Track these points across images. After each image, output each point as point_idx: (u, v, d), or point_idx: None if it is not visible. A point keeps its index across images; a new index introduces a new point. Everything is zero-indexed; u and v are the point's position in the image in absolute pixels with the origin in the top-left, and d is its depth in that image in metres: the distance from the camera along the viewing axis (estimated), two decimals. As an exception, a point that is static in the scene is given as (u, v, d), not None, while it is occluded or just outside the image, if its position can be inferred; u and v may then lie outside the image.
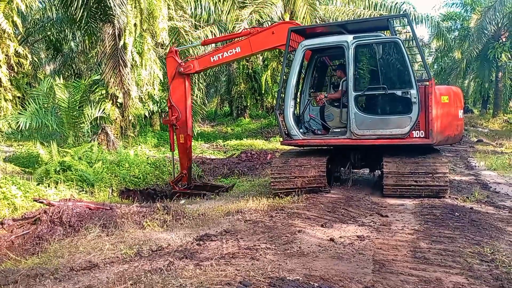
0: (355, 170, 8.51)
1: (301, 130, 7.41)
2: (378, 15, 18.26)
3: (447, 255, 4.02)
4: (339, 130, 7.32)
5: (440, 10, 33.89)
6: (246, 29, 9.22)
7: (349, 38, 6.97)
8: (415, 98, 6.50)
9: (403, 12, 19.26)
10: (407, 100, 6.58)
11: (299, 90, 7.78)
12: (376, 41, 6.92)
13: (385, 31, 7.83)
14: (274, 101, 19.39)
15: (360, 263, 3.84)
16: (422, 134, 6.59)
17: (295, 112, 7.57)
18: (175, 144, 9.13)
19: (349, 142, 6.94)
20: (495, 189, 7.81)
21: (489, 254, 4.09)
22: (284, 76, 7.44)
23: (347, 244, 4.39)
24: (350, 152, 7.57)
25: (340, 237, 4.66)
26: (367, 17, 17.64)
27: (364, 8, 19.73)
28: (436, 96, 6.66)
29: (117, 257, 4.77)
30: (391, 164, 6.63)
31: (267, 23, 11.15)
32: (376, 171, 7.90)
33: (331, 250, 4.21)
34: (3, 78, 6.60)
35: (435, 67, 38.04)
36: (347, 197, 6.66)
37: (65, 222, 6.03)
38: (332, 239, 4.55)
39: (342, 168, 7.84)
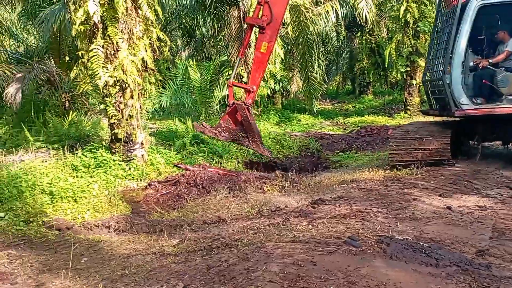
0: (487, 144, 7.82)
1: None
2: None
3: None
4: None
5: None
6: None
7: None
8: None
9: None
10: None
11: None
12: None
13: None
14: (399, 76, 18.42)
15: (477, 230, 3.73)
16: None
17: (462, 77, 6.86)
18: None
19: None
20: None
21: None
22: (455, 37, 6.75)
23: (465, 213, 4.25)
24: (479, 122, 6.98)
25: (459, 206, 4.51)
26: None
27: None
28: None
29: (241, 214, 5.39)
30: (529, 135, 5.99)
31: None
32: (511, 144, 7.18)
33: (446, 217, 4.14)
34: (148, 60, 7.67)
35: None
36: (473, 171, 6.26)
37: (199, 184, 6.93)
38: (449, 208, 4.44)
39: (470, 141, 7.30)
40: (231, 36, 14.51)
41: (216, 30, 19.08)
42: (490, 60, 6.96)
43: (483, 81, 6.95)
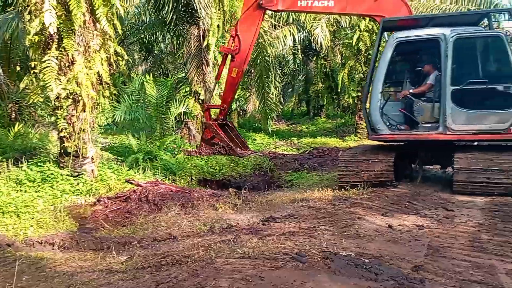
0: (427, 167, 8.36)
1: (387, 125, 7.36)
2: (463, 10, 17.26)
3: (507, 246, 3.99)
4: (429, 125, 7.25)
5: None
6: None
7: (446, 31, 6.90)
8: None
9: (502, 7, 17.87)
10: (508, 95, 6.52)
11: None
12: (479, 35, 6.92)
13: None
14: (350, 100, 19.24)
15: (414, 247, 3.99)
16: None
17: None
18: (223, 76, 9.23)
19: (443, 137, 6.90)
20: None
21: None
22: (372, 69, 7.39)
23: (404, 231, 4.53)
24: (420, 148, 7.48)
25: (399, 225, 4.80)
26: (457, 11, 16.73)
27: (450, 3, 18.76)
28: None
29: (192, 231, 5.40)
30: (463, 160, 6.49)
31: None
32: (448, 168, 7.72)
33: (387, 235, 4.39)
34: (104, 74, 7.59)
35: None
36: (414, 192, 6.66)
37: (150, 200, 6.86)
38: (390, 226, 4.71)
39: (412, 165, 7.78)
40: (190, 54, 14.61)
41: (175, 47, 19.13)
42: (411, 90, 7.57)
43: (399, 109, 7.57)
